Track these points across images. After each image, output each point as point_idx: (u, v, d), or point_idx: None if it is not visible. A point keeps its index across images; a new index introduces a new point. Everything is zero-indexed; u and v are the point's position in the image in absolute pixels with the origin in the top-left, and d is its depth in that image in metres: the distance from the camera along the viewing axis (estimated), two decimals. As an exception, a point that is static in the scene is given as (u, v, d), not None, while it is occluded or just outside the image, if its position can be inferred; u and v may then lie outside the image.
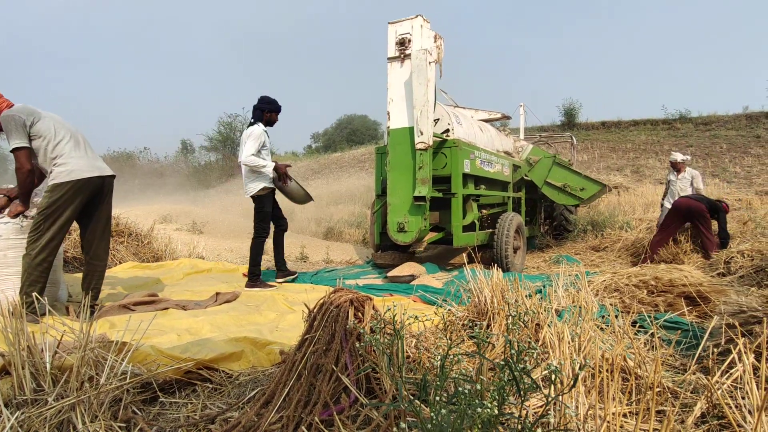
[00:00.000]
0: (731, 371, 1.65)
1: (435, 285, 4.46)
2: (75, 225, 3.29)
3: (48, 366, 1.69)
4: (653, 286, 3.37)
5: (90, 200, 3.09)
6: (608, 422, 1.21)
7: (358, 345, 1.41)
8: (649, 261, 5.52)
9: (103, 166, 3.15)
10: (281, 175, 4.31)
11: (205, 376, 2.09)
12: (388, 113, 5.17)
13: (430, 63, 4.85)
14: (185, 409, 1.80)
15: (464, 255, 4.08)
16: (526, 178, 7.33)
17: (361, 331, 1.22)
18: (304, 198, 4.59)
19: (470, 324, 2.40)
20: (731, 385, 1.60)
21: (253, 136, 4.23)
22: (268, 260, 5.27)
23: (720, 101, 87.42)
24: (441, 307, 2.79)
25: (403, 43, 5.00)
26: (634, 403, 1.63)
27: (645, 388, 1.60)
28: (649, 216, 8.78)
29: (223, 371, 2.16)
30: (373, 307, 1.90)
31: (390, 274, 4.95)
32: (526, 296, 2.39)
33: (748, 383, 1.39)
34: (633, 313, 3.03)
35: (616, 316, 2.63)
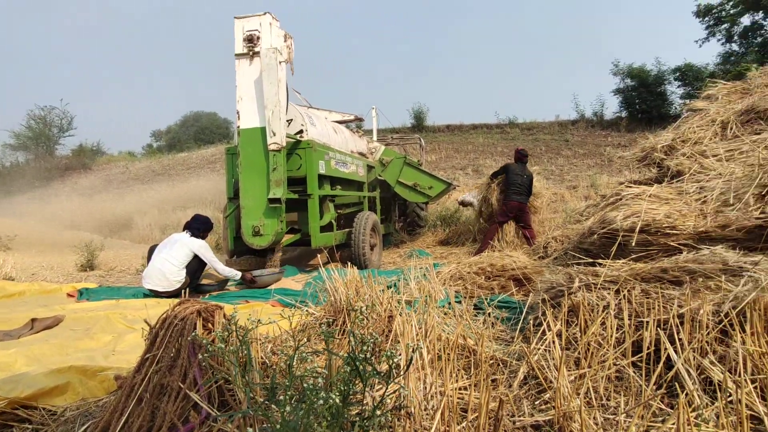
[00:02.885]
0: (545, 338, 1.95)
1: (294, 287, 4.41)
2: None
3: None
4: (490, 272, 3.82)
5: None
6: (449, 396, 1.34)
7: (201, 357, 1.33)
8: (485, 250, 6.24)
9: None
10: (248, 282, 4.71)
11: (22, 417, 1.78)
12: (238, 112, 4.95)
13: (280, 62, 4.77)
14: (-9, 461, 1.49)
15: (320, 256, 4.11)
16: (379, 178, 7.68)
17: (204, 342, 1.15)
18: (269, 281, 4.78)
19: (327, 323, 2.44)
20: (545, 349, 1.90)
21: (209, 248, 4.59)
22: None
23: (538, 109, 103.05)
24: (299, 309, 2.77)
25: (251, 40, 4.83)
26: (474, 376, 1.83)
27: (480, 363, 1.81)
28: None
29: (44, 408, 1.85)
30: (225, 316, 1.81)
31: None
32: (380, 291, 2.51)
33: (552, 345, 1.67)
34: (473, 297, 3.41)
35: (459, 302, 2.92)
